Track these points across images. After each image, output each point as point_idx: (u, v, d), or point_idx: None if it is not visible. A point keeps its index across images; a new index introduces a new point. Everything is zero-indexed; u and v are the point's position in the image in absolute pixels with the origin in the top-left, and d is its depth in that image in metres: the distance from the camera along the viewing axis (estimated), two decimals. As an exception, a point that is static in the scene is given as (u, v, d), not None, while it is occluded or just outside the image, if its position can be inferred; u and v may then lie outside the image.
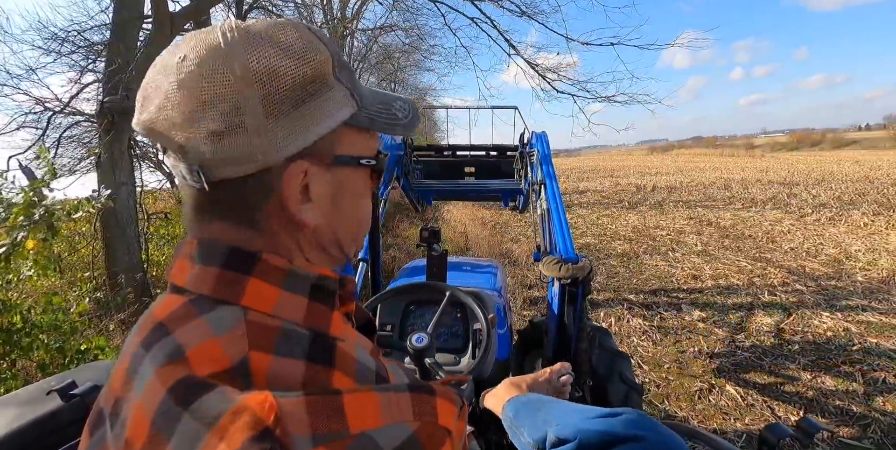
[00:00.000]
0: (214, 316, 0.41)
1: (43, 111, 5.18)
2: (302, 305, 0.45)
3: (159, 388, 0.37)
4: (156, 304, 0.45)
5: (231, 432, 0.33)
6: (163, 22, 3.38)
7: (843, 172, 17.56)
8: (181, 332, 0.40)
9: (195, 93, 0.40)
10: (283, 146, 0.43)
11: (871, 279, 4.97)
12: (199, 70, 0.40)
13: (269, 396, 0.34)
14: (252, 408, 0.33)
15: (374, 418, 0.35)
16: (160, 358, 0.39)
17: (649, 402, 2.81)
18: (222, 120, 0.41)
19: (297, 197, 0.45)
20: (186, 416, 0.35)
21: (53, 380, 1.01)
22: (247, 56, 0.41)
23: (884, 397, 2.80)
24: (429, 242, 1.83)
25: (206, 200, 0.45)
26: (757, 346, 3.51)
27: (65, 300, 2.49)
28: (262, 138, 0.42)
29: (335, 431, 0.34)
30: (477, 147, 3.39)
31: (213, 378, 0.37)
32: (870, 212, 8.59)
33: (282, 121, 0.42)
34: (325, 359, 0.42)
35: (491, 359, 1.53)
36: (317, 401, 0.35)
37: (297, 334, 0.42)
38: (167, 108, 0.41)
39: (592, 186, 16.43)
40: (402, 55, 14.67)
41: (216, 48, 0.41)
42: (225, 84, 0.40)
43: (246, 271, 0.44)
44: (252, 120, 0.41)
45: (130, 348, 0.43)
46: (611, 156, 72.94)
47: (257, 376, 0.38)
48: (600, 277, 5.34)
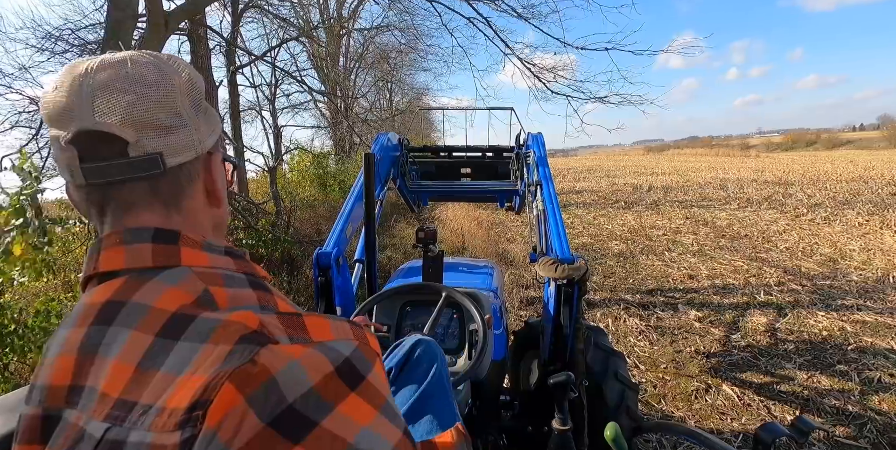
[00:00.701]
0: (164, 275, 0.49)
1: (36, 110, 5.15)
2: (228, 261, 0.55)
3: (144, 337, 0.44)
4: (87, 296, 0.51)
5: (224, 337, 0.41)
6: (157, 21, 3.36)
7: (837, 171, 17.64)
8: (138, 295, 0.47)
9: (151, 99, 0.50)
10: (207, 139, 0.56)
11: (866, 279, 4.99)
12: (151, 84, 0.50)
13: (250, 312, 0.44)
14: (238, 320, 0.43)
15: (328, 333, 0.46)
16: (132, 318, 0.46)
17: (646, 402, 2.81)
18: (171, 118, 0.51)
19: (218, 180, 0.58)
20: (178, 344, 0.43)
21: None
22: (176, 74, 0.53)
23: (879, 396, 2.81)
24: (425, 242, 1.83)
25: (145, 192, 0.52)
26: (753, 345, 3.52)
27: (58, 302, 2.47)
28: (198, 133, 0.54)
29: (303, 337, 0.44)
30: (473, 148, 3.40)
31: (188, 309, 0.45)
32: (864, 212, 8.63)
33: (203, 120, 0.56)
34: (265, 289, 0.53)
35: (487, 360, 1.52)
36: (285, 318, 0.45)
37: (237, 277, 0.53)
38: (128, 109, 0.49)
39: (589, 186, 16.45)
40: (399, 55, 14.66)
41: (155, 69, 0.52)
42: (171, 92, 0.52)
43: (174, 243, 0.52)
44: (189, 119, 0.53)
45: (75, 337, 0.48)
46: (607, 156, 73.07)
47: (221, 302, 0.47)
48: (597, 277, 5.35)
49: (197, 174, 0.56)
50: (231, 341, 0.41)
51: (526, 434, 1.79)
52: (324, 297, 1.81)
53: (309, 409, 0.39)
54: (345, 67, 13.72)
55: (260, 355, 0.40)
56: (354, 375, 0.44)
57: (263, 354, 0.40)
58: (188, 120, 0.53)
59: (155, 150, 0.50)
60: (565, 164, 37.53)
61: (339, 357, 0.43)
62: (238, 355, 0.40)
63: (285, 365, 0.40)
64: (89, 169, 0.50)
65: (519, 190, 3.08)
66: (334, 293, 1.82)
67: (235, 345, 0.41)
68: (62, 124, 0.50)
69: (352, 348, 0.45)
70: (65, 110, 0.49)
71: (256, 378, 0.39)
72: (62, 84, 0.50)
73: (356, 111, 11.91)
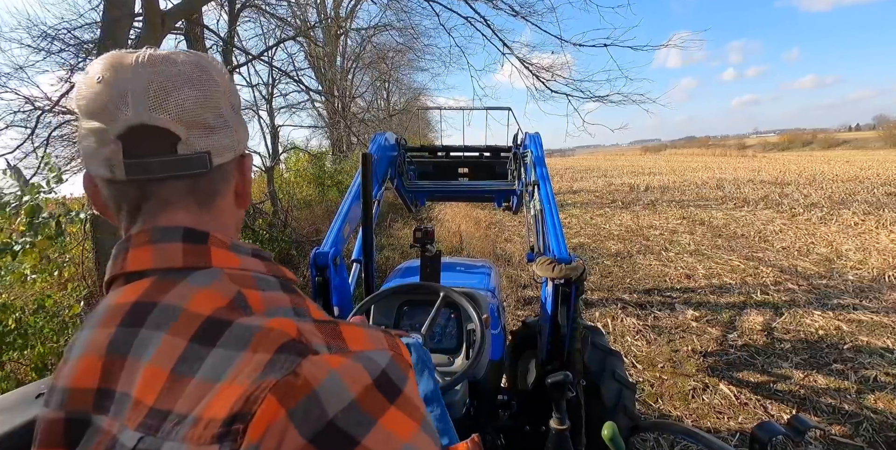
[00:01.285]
0: (195, 277, 0.48)
1: (32, 110, 5.13)
2: (257, 262, 0.54)
3: (178, 341, 0.43)
4: (111, 296, 0.50)
5: (265, 344, 0.40)
6: (154, 20, 3.34)
7: (833, 171, 17.71)
8: (169, 297, 0.46)
9: (200, 98, 0.50)
10: (243, 140, 0.57)
11: (862, 278, 5.02)
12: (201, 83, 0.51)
13: (288, 319, 0.43)
14: (277, 327, 0.42)
15: (366, 343, 0.44)
16: (164, 321, 0.44)
17: (643, 401, 2.82)
18: (216, 118, 0.52)
19: (248, 180, 0.59)
20: (214, 350, 0.41)
21: (42, 383, 1.00)
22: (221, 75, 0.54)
23: (875, 394, 2.82)
24: (422, 242, 1.82)
25: (183, 191, 0.52)
26: (750, 345, 3.53)
27: (56, 302, 2.47)
28: (237, 134, 0.55)
29: (341, 347, 0.42)
30: (471, 148, 3.41)
31: (222, 314, 0.44)
32: (860, 211, 8.67)
33: (240, 122, 0.56)
34: (295, 292, 0.52)
35: (485, 360, 1.52)
36: (323, 326, 0.44)
37: (268, 279, 0.52)
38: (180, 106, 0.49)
39: (586, 185, 16.47)
40: (396, 55, 14.65)
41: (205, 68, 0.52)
42: (218, 93, 0.53)
43: (204, 243, 0.51)
44: (230, 119, 0.54)
45: (101, 338, 0.47)
46: (604, 156, 73.17)
47: (255, 306, 0.46)
48: (594, 277, 5.36)
49: (231, 175, 0.56)
50: (271, 350, 0.40)
51: (524, 434, 1.79)
52: (321, 297, 1.81)
53: (350, 425, 0.38)
54: (342, 67, 13.69)
55: (302, 367, 0.39)
56: (392, 387, 0.42)
57: (305, 365, 0.39)
58: (230, 121, 0.54)
59: (203, 148, 0.51)
60: (563, 163, 37.57)
61: (376, 368, 0.42)
62: (279, 366, 0.39)
63: (326, 377, 0.39)
64: (133, 164, 0.49)
65: (516, 190, 3.09)
66: (332, 293, 1.81)
67: (275, 354, 0.40)
68: (106, 117, 0.48)
69: (387, 359, 0.44)
70: (111, 103, 0.48)
71: (299, 391, 0.37)
72: (107, 77, 0.48)
73: (353, 111, 11.90)
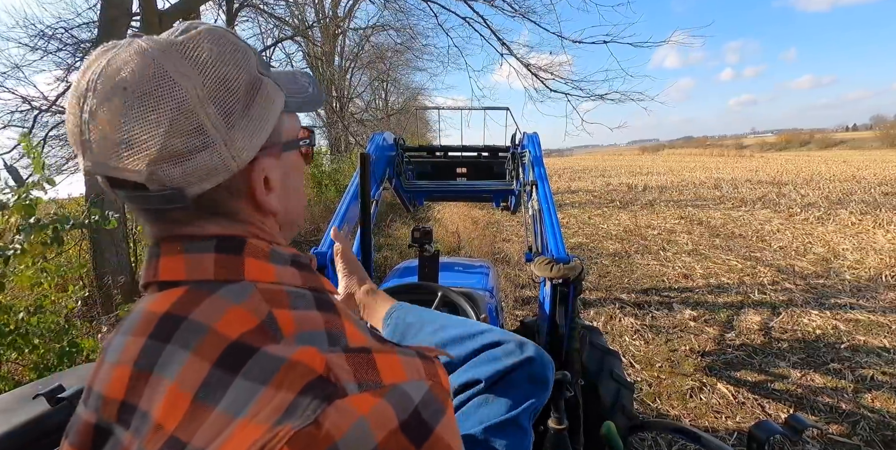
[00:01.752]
0: (225, 291, 0.44)
1: (29, 109, 5.12)
2: (295, 273, 0.49)
3: (203, 364, 0.39)
4: (147, 302, 0.46)
5: (288, 381, 0.36)
6: (151, 20, 3.34)
7: (830, 171, 17.77)
8: (197, 312, 0.42)
9: (154, 120, 0.40)
10: (245, 150, 0.45)
11: (859, 278, 5.03)
12: (153, 101, 0.40)
13: (315, 350, 0.38)
14: (304, 361, 0.37)
15: (401, 374, 0.40)
16: (190, 339, 0.41)
17: (641, 400, 2.82)
18: (189, 139, 0.41)
19: (262, 190, 0.49)
20: (238, 379, 0.38)
21: (40, 384, 1.00)
22: (193, 72, 0.42)
23: (872, 394, 2.83)
24: (420, 242, 1.82)
25: (189, 214, 0.46)
26: (747, 344, 3.54)
27: (53, 303, 2.45)
28: (230, 147, 0.44)
29: (373, 381, 0.38)
30: (469, 148, 3.42)
31: (248, 338, 0.40)
32: (857, 211, 8.70)
33: (240, 127, 0.44)
34: (332, 309, 0.46)
35: None
36: (354, 357, 0.39)
37: (303, 295, 0.46)
38: (126, 143, 0.41)
39: (584, 185, 16.49)
40: (394, 55, 14.64)
41: (159, 70, 0.41)
42: (182, 105, 0.41)
43: (239, 253, 0.46)
44: (217, 133, 0.43)
45: (133, 349, 0.44)
46: (602, 156, 73.24)
47: (286, 328, 0.41)
48: (592, 277, 5.36)
49: (237, 190, 0.48)
50: (294, 390, 0.36)
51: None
52: None
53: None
54: (340, 67, 13.68)
55: (326, 415, 0.35)
56: (421, 428, 0.38)
57: (330, 413, 0.35)
58: (215, 135, 0.42)
59: (173, 183, 0.42)
60: (561, 163, 37.61)
61: (408, 406, 0.38)
62: (300, 411, 0.35)
63: (351, 426, 0.35)
64: (122, 196, 0.46)
65: (514, 190, 3.09)
66: None
67: (298, 395, 0.36)
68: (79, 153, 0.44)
69: (423, 391, 0.40)
70: (73, 140, 0.44)
71: (320, 444, 0.34)
72: (70, 102, 0.43)
73: (351, 111, 11.89)
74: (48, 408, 0.92)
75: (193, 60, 0.42)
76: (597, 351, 1.94)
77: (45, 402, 0.92)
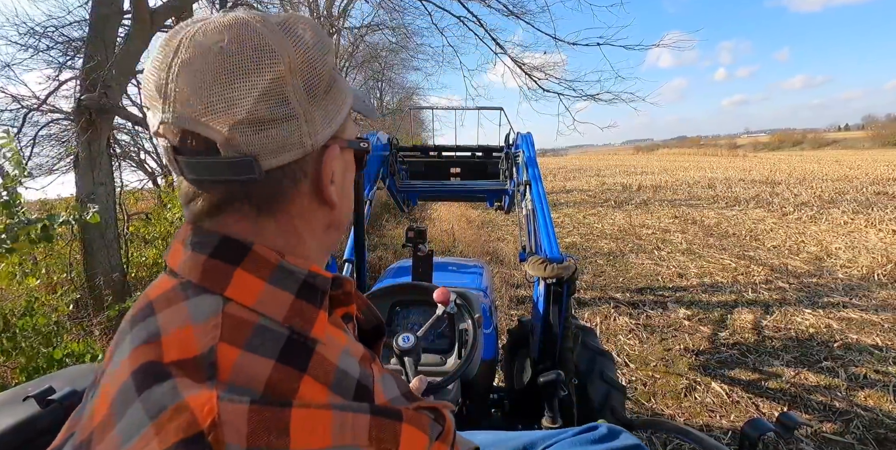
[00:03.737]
0: (195, 302, 0.41)
1: (19, 109, 5.05)
2: (286, 300, 0.43)
3: (127, 368, 0.38)
4: (154, 282, 0.46)
5: (166, 430, 0.32)
6: (142, 18, 3.30)
7: (823, 171, 17.90)
8: (164, 314, 0.41)
9: (247, 84, 0.40)
10: (322, 130, 0.45)
11: (852, 277, 5.06)
12: (249, 64, 0.40)
13: (213, 398, 0.33)
14: (192, 409, 0.33)
15: (323, 438, 0.34)
16: (138, 338, 0.39)
17: (636, 400, 2.82)
18: (274, 108, 0.41)
19: (329, 178, 0.47)
20: (137, 403, 0.35)
21: (30, 385, 0.98)
22: (291, 48, 0.42)
23: (865, 392, 2.84)
24: (414, 242, 1.81)
25: (236, 194, 0.44)
26: (741, 343, 3.55)
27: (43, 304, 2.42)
28: (309, 124, 0.43)
29: (273, 446, 0.32)
30: (462, 148, 3.41)
31: (176, 366, 0.36)
32: (849, 210, 8.76)
33: (319, 107, 0.45)
34: (298, 362, 0.39)
35: (477, 359, 1.52)
36: (260, 411, 0.33)
37: (273, 332, 0.40)
38: (216, 101, 0.40)
39: (579, 185, 16.52)
40: (389, 54, 14.60)
41: (261, 40, 0.41)
42: (276, 74, 0.41)
43: (234, 262, 0.43)
44: (300, 107, 0.42)
45: (122, 324, 0.44)
46: (597, 155, 73.45)
47: (222, 368, 0.36)
48: (587, 276, 5.37)
49: (303, 174, 0.45)
50: (168, 441, 0.32)
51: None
52: None
53: None
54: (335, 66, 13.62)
55: None
56: None
57: None
58: (297, 108, 0.42)
59: (249, 150, 0.41)
60: (555, 163, 37.68)
61: None
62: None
63: None
64: (185, 163, 0.43)
65: (508, 189, 3.09)
66: None
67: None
68: (153, 107, 0.42)
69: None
70: (153, 94, 0.42)
71: None
72: (155, 60, 0.42)
73: (346, 110, 11.80)
74: (38, 410, 0.90)
75: (292, 36, 0.43)
76: (589, 352, 1.93)
77: (35, 404, 0.90)
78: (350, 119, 0.52)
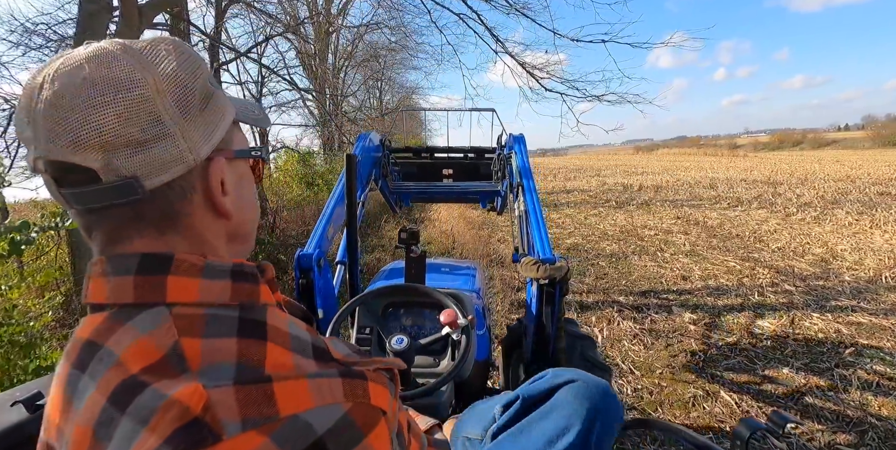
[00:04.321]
0: (139, 319, 0.42)
1: (10, 108, 4.94)
2: (226, 286, 0.46)
3: (100, 398, 0.39)
4: (78, 327, 0.46)
5: (161, 425, 0.34)
6: (131, 14, 3.20)
7: (824, 171, 17.81)
8: (111, 342, 0.41)
9: (114, 110, 0.41)
10: (202, 145, 0.46)
11: (859, 279, 4.96)
12: (113, 89, 0.41)
13: (199, 387, 0.36)
14: (181, 401, 0.35)
15: (306, 401, 0.38)
16: (98, 370, 0.40)
17: (642, 410, 2.72)
18: (146, 129, 0.42)
19: (219, 190, 0.49)
20: (124, 419, 0.36)
21: (18, 391, 1.00)
22: (154, 69, 0.43)
23: (879, 400, 2.75)
24: (407, 243, 1.77)
25: (130, 218, 0.45)
26: (749, 349, 3.45)
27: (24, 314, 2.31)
28: (188, 140, 0.45)
29: (265, 415, 0.36)
30: (455, 149, 3.44)
31: (147, 373, 0.38)
32: (853, 211, 8.66)
33: (195, 123, 0.46)
34: (256, 334, 0.43)
35: (470, 360, 1.52)
36: (246, 389, 0.37)
37: (225, 318, 0.44)
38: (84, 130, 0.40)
39: (579, 185, 16.43)
40: (388, 53, 14.52)
41: (122, 66, 0.42)
42: (141, 97, 0.42)
43: (162, 272, 0.44)
44: (174, 125, 0.44)
45: (62, 374, 0.44)
46: (597, 155, 73.42)
47: (192, 360, 0.39)
48: (589, 279, 5.27)
49: (191, 188, 0.47)
50: (163, 435, 0.34)
51: None
52: (305, 299, 1.78)
53: None
54: (334, 65, 13.53)
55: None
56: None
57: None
58: (172, 126, 0.44)
59: (129, 172, 0.42)
60: (556, 163, 37.62)
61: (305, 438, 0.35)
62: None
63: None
64: (69, 195, 0.44)
65: (500, 191, 3.09)
66: (316, 295, 1.79)
67: (164, 443, 0.34)
68: (27, 145, 0.44)
69: (336, 416, 0.38)
70: (25, 131, 0.43)
71: None
72: (22, 97, 0.43)
73: (345, 110, 11.76)
74: (27, 415, 0.91)
75: (153, 58, 0.44)
76: (569, 337, 1.94)
77: (23, 409, 0.92)
78: (237, 130, 0.53)
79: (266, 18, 8.38)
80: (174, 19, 5.05)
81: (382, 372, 0.47)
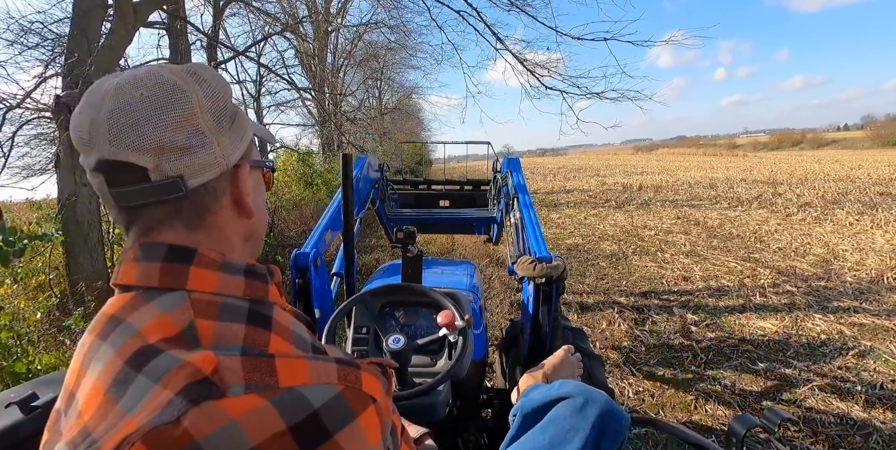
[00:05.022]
0: (161, 300, 0.48)
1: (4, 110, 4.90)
2: (240, 282, 0.52)
3: (117, 360, 0.43)
4: (107, 303, 0.51)
5: (174, 381, 0.39)
6: (125, 12, 3.15)
7: (824, 171, 17.78)
8: (133, 317, 0.47)
9: (167, 121, 0.49)
10: (232, 153, 0.55)
11: (860, 280, 4.93)
12: (167, 105, 0.49)
13: (210, 353, 0.41)
14: (193, 363, 0.40)
15: (303, 377, 0.42)
16: (119, 340, 0.45)
17: (644, 412, 2.69)
18: (191, 137, 0.50)
19: (248, 191, 0.57)
20: (139, 377, 0.41)
21: (13, 392, 1.00)
22: (198, 89, 0.51)
23: (882, 403, 2.71)
24: (403, 243, 1.74)
25: (167, 214, 0.51)
26: (751, 350, 3.41)
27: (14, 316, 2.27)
28: (221, 149, 0.53)
29: (267, 383, 0.40)
30: (452, 182, 3.59)
31: (164, 343, 0.43)
32: (854, 211, 8.62)
33: (227, 135, 0.54)
34: (263, 325, 0.49)
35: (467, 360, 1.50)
36: (252, 359, 0.42)
37: (237, 307, 0.50)
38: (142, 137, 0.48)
39: (579, 185, 16.40)
40: (388, 53, 14.47)
41: (173, 85, 0.50)
42: (189, 111, 0.50)
43: (186, 262, 0.50)
44: (212, 134, 0.52)
45: (85, 345, 0.49)
46: (596, 155, 73.44)
47: (204, 338, 0.44)
48: (590, 279, 5.23)
49: (223, 190, 0.55)
50: (175, 389, 0.38)
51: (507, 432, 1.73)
52: (301, 299, 1.78)
53: None
54: (333, 65, 13.48)
55: (188, 415, 0.36)
56: (318, 433, 0.39)
57: (193, 413, 0.37)
58: (210, 136, 0.52)
59: (175, 172, 0.50)
60: (555, 163, 37.58)
61: (302, 410, 0.39)
62: (170, 410, 0.37)
63: (218, 428, 0.36)
64: (116, 194, 0.50)
65: (496, 217, 3.15)
66: (312, 295, 1.78)
67: (176, 395, 0.38)
68: (84, 150, 0.50)
69: (330, 395, 0.42)
70: (84, 137, 0.49)
71: (174, 443, 0.35)
72: (83, 108, 0.50)
73: (345, 109, 11.72)
74: (21, 417, 0.91)
75: (197, 80, 0.52)
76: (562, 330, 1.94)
77: (17, 411, 0.92)
78: (253, 145, 0.62)
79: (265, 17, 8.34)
80: (172, 18, 5.01)
81: (375, 366, 0.51)
